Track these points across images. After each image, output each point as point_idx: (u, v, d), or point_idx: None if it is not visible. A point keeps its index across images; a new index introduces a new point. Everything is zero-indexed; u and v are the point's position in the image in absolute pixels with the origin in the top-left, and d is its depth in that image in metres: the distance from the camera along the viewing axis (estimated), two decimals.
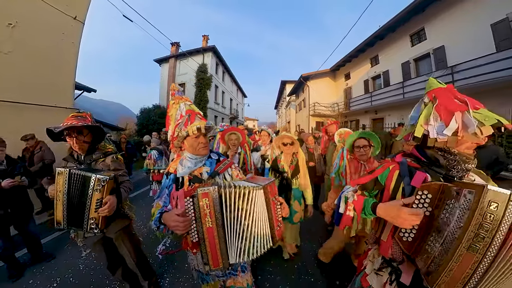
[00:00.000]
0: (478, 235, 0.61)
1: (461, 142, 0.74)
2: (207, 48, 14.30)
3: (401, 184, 0.84)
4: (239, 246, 0.90)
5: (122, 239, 1.54)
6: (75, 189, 1.17)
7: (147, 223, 3.09)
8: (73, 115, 1.33)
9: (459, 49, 7.30)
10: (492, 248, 0.60)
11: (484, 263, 0.60)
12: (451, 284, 0.64)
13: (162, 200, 1.13)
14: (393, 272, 0.89)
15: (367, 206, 0.85)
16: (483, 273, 0.61)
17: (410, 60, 9.41)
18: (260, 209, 0.89)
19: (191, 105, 1.15)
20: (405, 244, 0.77)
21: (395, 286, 0.87)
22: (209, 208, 0.87)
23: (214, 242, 0.88)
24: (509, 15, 6.00)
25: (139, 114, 11.89)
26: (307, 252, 2.47)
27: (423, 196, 0.72)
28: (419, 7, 8.13)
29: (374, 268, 0.98)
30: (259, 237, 0.90)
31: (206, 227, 0.87)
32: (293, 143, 1.99)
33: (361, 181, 0.98)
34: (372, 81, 12.10)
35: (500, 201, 0.59)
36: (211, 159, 1.18)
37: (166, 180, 1.16)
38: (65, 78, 4.42)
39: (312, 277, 2.08)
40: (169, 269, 2.23)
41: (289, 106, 24.25)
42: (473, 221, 0.61)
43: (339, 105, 14.68)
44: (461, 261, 0.63)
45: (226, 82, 19.17)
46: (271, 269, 2.18)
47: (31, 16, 3.72)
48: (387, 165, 0.92)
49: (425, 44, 8.71)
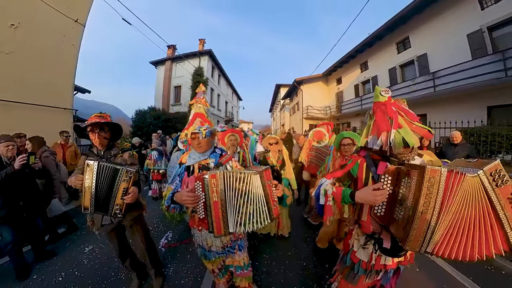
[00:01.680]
0: (427, 201, 0.83)
1: None
2: (204, 51, 14.51)
3: (369, 173, 1.05)
4: (236, 219, 1.10)
5: (136, 227, 1.69)
6: (104, 179, 1.33)
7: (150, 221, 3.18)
8: (95, 115, 1.50)
9: (440, 56, 7.89)
10: (436, 208, 0.82)
11: (433, 220, 0.82)
12: (415, 240, 0.86)
13: (174, 185, 1.33)
14: (376, 242, 1.09)
15: (346, 195, 1.02)
16: (433, 227, 0.83)
17: (396, 66, 10.01)
18: (257, 190, 1.10)
19: (200, 108, 1.38)
20: (379, 218, 0.99)
21: (379, 252, 1.08)
22: (216, 186, 1.08)
23: (218, 214, 1.09)
24: (482, 26, 6.60)
25: (134, 116, 11.81)
26: (299, 240, 2.71)
27: (385, 179, 0.95)
28: (404, 17, 8.74)
29: (361, 244, 1.17)
30: (255, 213, 1.10)
31: (213, 201, 1.08)
32: (277, 142, 2.42)
33: (337, 175, 1.17)
34: (362, 85, 12.69)
35: (435, 175, 0.82)
36: (215, 153, 1.39)
37: (179, 168, 1.37)
38: (65, 80, 4.48)
39: (304, 262, 2.28)
40: (172, 260, 2.35)
41: (283, 109, 24.68)
42: (422, 191, 0.83)
43: (331, 108, 15.19)
44: (419, 222, 0.85)
45: (221, 85, 19.37)
46: (266, 256, 2.37)
47: (33, 18, 3.79)
48: (355, 160, 1.13)
49: (410, 52, 9.32)
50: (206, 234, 1.38)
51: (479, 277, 1.98)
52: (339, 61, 13.70)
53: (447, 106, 7.34)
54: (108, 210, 1.36)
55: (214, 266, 1.54)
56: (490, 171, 0.77)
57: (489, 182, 0.77)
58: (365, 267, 1.15)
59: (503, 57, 5.67)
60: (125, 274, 2.06)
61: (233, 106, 25.20)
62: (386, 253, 1.05)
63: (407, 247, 0.88)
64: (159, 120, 11.26)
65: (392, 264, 1.11)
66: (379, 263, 1.11)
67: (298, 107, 18.00)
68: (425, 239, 0.85)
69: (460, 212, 0.80)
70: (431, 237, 0.84)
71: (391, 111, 0.98)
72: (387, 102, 1.01)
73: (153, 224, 3.28)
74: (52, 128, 3.91)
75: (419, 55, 8.79)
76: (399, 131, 0.94)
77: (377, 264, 1.11)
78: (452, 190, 0.79)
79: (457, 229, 0.81)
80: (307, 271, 2.13)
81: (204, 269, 2.11)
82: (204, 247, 1.42)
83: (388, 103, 1.00)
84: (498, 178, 0.76)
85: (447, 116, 5.87)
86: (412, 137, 0.93)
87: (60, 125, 4.45)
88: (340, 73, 14.90)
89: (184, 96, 14.02)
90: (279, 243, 2.63)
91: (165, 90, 14.49)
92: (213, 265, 1.53)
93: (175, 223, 3.23)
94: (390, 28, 9.56)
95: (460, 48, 7.13)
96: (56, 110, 4.33)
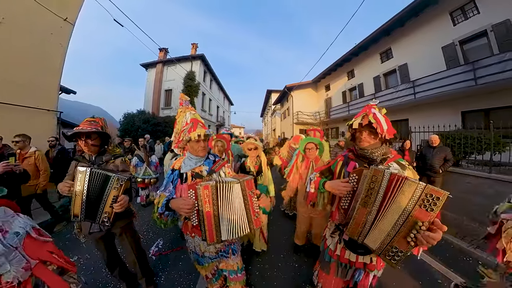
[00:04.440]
0: (367, 196, 0.97)
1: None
2: (196, 56, 14.47)
3: (343, 170, 1.24)
4: (228, 227, 1.13)
5: (125, 234, 1.63)
6: (94, 185, 1.28)
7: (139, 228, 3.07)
8: (87, 120, 1.46)
9: (419, 66, 8.50)
10: (375, 205, 0.95)
11: (372, 213, 0.95)
12: (355, 227, 1.01)
13: (167, 192, 1.30)
14: (340, 234, 1.26)
15: (321, 183, 1.26)
16: (372, 219, 0.96)
17: (380, 74, 10.61)
18: (238, 200, 1.15)
19: (195, 114, 1.39)
20: (344, 210, 1.16)
21: (342, 244, 1.24)
22: (208, 197, 1.10)
23: (211, 222, 1.11)
24: (454, 40, 7.25)
25: (123, 119, 11.40)
26: (289, 243, 2.70)
27: (353, 177, 1.10)
28: (387, 30, 9.37)
29: (331, 232, 1.34)
30: (239, 221, 1.15)
31: (206, 211, 1.10)
32: (256, 148, 2.40)
33: (320, 169, 1.40)
34: (349, 92, 13.26)
35: (379, 175, 0.95)
36: (209, 160, 1.39)
37: (171, 175, 1.34)
38: (50, 80, 4.26)
39: (296, 263, 2.33)
40: (163, 268, 2.28)
41: (274, 114, 25.03)
42: (364, 187, 0.98)
43: (321, 114, 15.65)
44: (359, 213, 1.00)
45: (213, 89, 19.34)
46: (259, 259, 2.38)
47: (19, 14, 3.60)
48: (337, 158, 1.33)
49: (392, 62, 9.94)
50: (199, 240, 1.36)
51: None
52: (328, 69, 14.27)
53: (426, 112, 7.86)
54: (96, 218, 1.31)
55: (207, 272, 1.53)
56: (430, 192, 0.81)
57: (419, 198, 0.83)
58: (331, 254, 1.30)
59: (473, 68, 6.22)
60: (113, 285, 1.96)
61: (225, 111, 25.16)
62: (346, 245, 1.20)
63: (348, 232, 1.05)
64: (148, 124, 10.95)
65: (357, 263, 1.21)
66: (344, 256, 1.24)
67: (289, 112, 18.36)
68: (363, 230, 0.98)
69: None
70: (369, 231, 0.96)
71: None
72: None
73: (143, 231, 3.16)
74: (34, 130, 3.68)
75: (400, 65, 9.41)
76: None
77: (342, 257, 1.25)
78: (393, 190, 0.89)
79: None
80: (299, 272, 2.17)
81: (196, 276, 2.07)
82: (197, 252, 1.40)
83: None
84: (429, 202, 0.81)
85: (426, 121, 6.27)
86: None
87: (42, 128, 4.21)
88: (329, 80, 15.48)
89: (175, 100, 13.80)
90: (271, 246, 2.64)
91: (155, 93, 14.21)
92: (207, 270, 1.51)
93: (165, 231, 3.14)
94: (374, 39, 10.19)
95: (436, 59, 7.74)
96: (39, 112, 4.07)
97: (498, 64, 5.63)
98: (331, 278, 1.32)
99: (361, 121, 1.12)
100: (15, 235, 0.42)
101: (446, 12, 7.46)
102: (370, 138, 1.13)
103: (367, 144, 1.14)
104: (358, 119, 1.14)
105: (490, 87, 5.74)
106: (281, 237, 2.87)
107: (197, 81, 13.55)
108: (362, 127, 1.13)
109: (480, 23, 6.54)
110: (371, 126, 1.09)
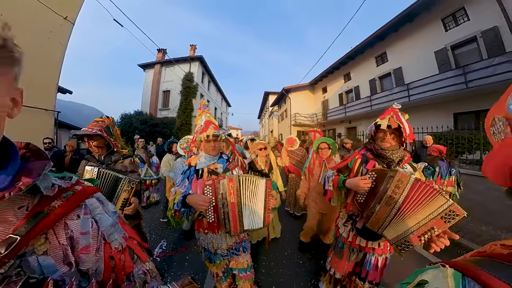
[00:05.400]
0: (391, 197, 1.06)
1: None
2: (194, 57, 14.44)
3: (361, 168, 1.32)
4: (249, 218, 1.22)
5: None
6: (103, 187, 1.27)
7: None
8: (94, 120, 1.48)
9: (413, 69, 8.77)
10: (397, 204, 1.04)
11: (393, 211, 1.05)
12: (376, 221, 1.11)
13: (182, 188, 1.34)
14: (352, 222, 1.36)
15: (340, 181, 1.32)
16: (392, 216, 1.05)
17: (376, 77, 10.87)
18: (261, 195, 1.25)
19: (210, 117, 1.45)
20: (359, 204, 1.24)
21: (354, 231, 1.35)
22: (233, 188, 1.16)
23: (235, 213, 1.17)
24: (446, 45, 7.53)
25: (120, 120, 11.27)
26: (293, 240, 2.79)
27: (372, 174, 1.18)
28: (382, 35, 9.65)
29: (343, 222, 1.43)
30: (259, 213, 1.24)
31: (231, 202, 1.15)
32: (266, 147, 2.59)
33: (338, 167, 1.46)
34: (346, 94, 13.51)
35: (404, 179, 1.04)
36: (222, 159, 1.45)
37: (188, 170, 1.38)
38: (48, 79, 4.19)
39: (300, 260, 2.39)
40: (169, 269, 2.29)
41: (272, 116, 25.17)
42: (389, 189, 1.06)
43: (318, 116, 15.86)
44: (381, 210, 1.09)
45: (211, 91, 19.35)
46: (264, 257, 2.44)
47: (18, 11, 3.54)
48: (354, 156, 1.40)
49: (387, 65, 10.22)
50: (212, 237, 1.40)
51: None
52: (325, 72, 14.52)
53: (420, 113, 8.10)
54: None
55: (218, 270, 1.55)
56: (454, 209, 0.94)
57: (443, 211, 0.94)
58: (343, 241, 1.41)
59: (463, 72, 6.48)
60: None
61: (222, 112, 25.16)
62: (358, 232, 1.31)
63: (369, 224, 1.15)
64: (146, 125, 10.87)
65: (367, 248, 1.33)
66: (355, 242, 1.36)
67: (287, 114, 18.51)
68: (383, 224, 1.09)
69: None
70: (388, 225, 1.07)
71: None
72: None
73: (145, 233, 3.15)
74: (32, 130, 3.63)
75: (395, 68, 9.68)
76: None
77: (353, 243, 1.36)
78: (418, 196, 1.00)
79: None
80: (304, 268, 2.23)
81: (203, 276, 2.09)
82: (210, 250, 1.43)
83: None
84: (449, 216, 0.95)
85: (420, 122, 6.47)
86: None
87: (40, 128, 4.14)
88: (326, 83, 15.74)
89: (172, 101, 13.74)
90: (276, 243, 2.70)
91: (153, 94, 14.11)
92: (218, 268, 1.54)
93: (168, 232, 3.14)
94: (370, 43, 10.46)
95: (429, 63, 8.01)
96: (36, 111, 3.98)
97: (487, 68, 5.89)
98: (343, 263, 1.43)
99: (389, 123, 1.17)
100: (114, 213, 0.49)
101: (439, 18, 7.76)
102: (393, 140, 1.21)
103: (389, 145, 1.22)
104: (385, 120, 1.19)
105: (480, 90, 5.99)
106: (285, 236, 2.91)
107: (195, 82, 13.54)
108: (387, 129, 1.20)
109: (470, 29, 6.83)
110: (395, 129, 1.17)
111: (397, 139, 1.22)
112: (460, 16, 7.21)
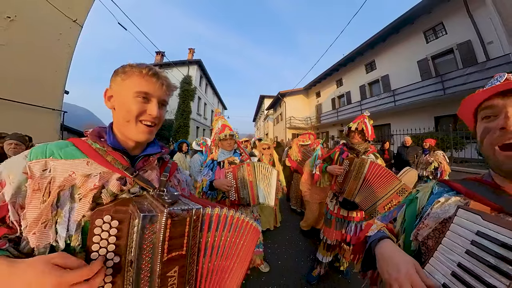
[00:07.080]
0: (357, 173, 1.51)
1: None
2: (193, 60, 14.74)
3: (339, 157, 1.78)
4: (262, 194, 1.62)
5: None
6: None
7: None
8: None
9: (398, 77, 9.50)
10: (361, 178, 1.51)
11: (359, 184, 1.51)
12: (349, 192, 1.58)
13: (207, 176, 1.68)
14: (336, 198, 1.82)
15: (323, 168, 1.82)
16: (358, 187, 1.51)
17: (365, 84, 11.60)
18: (272, 180, 1.67)
19: (225, 121, 1.86)
20: (339, 183, 1.70)
21: (338, 205, 1.79)
22: (250, 171, 1.56)
23: (253, 189, 1.56)
24: (427, 55, 8.28)
25: None
26: (294, 228, 3.21)
27: (346, 162, 1.65)
28: (371, 44, 10.40)
29: (330, 199, 1.90)
30: (271, 192, 1.65)
31: (249, 181, 1.55)
32: (269, 147, 3.10)
33: (323, 157, 1.99)
34: (338, 99, 14.22)
35: (364, 162, 1.55)
36: (237, 153, 1.86)
37: (211, 164, 1.75)
38: (56, 79, 4.39)
39: (300, 241, 2.79)
40: None
41: (267, 119, 25.67)
42: (352, 168, 1.54)
43: (312, 119, 16.49)
44: (351, 184, 1.55)
45: (208, 94, 19.68)
46: (269, 241, 2.77)
47: (31, 13, 3.74)
48: (335, 149, 1.88)
49: (376, 73, 10.97)
50: None
51: None
52: (318, 77, 15.25)
53: (405, 117, 8.75)
54: None
55: None
56: (404, 187, 1.42)
57: (398, 189, 1.43)
58: (331, 213, 1.85)
59: (441, 80, 7.17)
60: None
61: None
62: (341, 205, 1.78)
63: (344, 194, 1.62)
64: None
65: (348, 217, 1.79)
66: (340, 213, 1.81)
67: (282, 117, 19.05)
68: (354, 193, 1.58)
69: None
70: (357, 194, 1.57)
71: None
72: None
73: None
74: (38, 130, 3.76)
75: (382, 76, 10.41)
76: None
77: (338, 214, 1.81)
78: (372, 172, 1.49)
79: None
80: (303, 247, 2.63)
81: None
82: None
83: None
84: (402, 192, 1.42)
85: (406, 125, 7.07)
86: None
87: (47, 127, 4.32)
88: (319, 88, 16.46)
89: (170, 104, 13.56)
90: (278, 230, 3.10)
91: None
92: None
93: None
94: (360, 52, 11.22)
95: (412, 71, 8.74)
96: (44, 111, 4.14)
97: (461, 77, 6.57)
98: (332, 231, 1.85)
99: (357, 126, 1.70)
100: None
101: (420, 31, 8.53)
102: (359, 138, 1.72)
103: (357, 141, 1.73)
104: (355, 124, 1.71)
105: (456, 96, 6.64)
106: (287, 224, 3.34)
107: (193, 85, 13.85)
108: (356, 130, 1.71)
109: (448, 42, 7.59)
110: (362, 131, 1.69)
111: (362, 137, 1.72)
112: (439, 30, 7.99)
